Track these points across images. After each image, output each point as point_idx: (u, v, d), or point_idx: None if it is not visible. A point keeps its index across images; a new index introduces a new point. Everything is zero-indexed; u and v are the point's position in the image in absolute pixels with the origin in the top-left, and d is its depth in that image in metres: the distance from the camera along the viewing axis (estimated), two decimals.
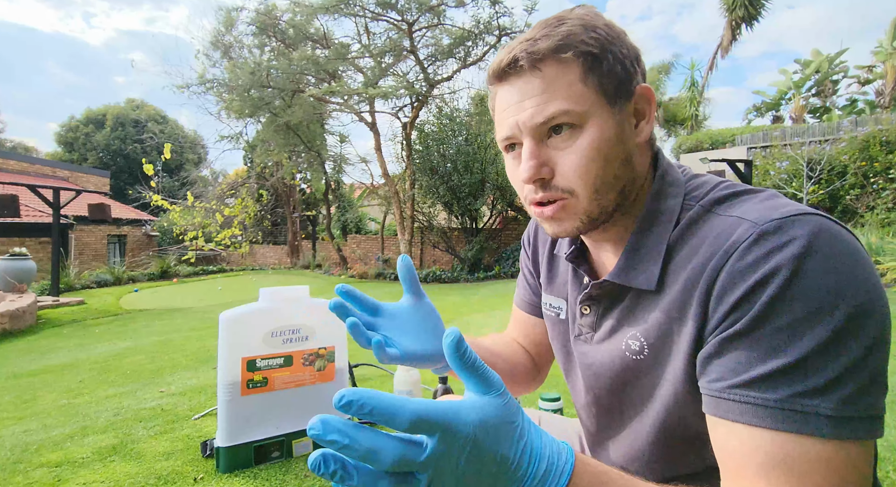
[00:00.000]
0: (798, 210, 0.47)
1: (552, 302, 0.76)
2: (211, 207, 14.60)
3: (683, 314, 0.52)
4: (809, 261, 0.44)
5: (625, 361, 0.60)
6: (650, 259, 0.57)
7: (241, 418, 1.71)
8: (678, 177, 0.60)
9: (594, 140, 0.54)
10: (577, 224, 0.58)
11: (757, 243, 0.46)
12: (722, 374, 0.47)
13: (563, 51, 0.54)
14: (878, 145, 8.75)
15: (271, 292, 1.81)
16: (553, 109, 0.54)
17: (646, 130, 0.59)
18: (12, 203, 6.99)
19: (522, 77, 0.56)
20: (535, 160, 0.56)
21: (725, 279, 0.47)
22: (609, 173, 0.56)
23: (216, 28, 11.25)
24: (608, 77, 0.55)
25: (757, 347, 0.45)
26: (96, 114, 28.11)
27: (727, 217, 0.52)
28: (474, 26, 9.79)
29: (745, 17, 14.88)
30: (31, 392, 3.05)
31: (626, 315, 0.61)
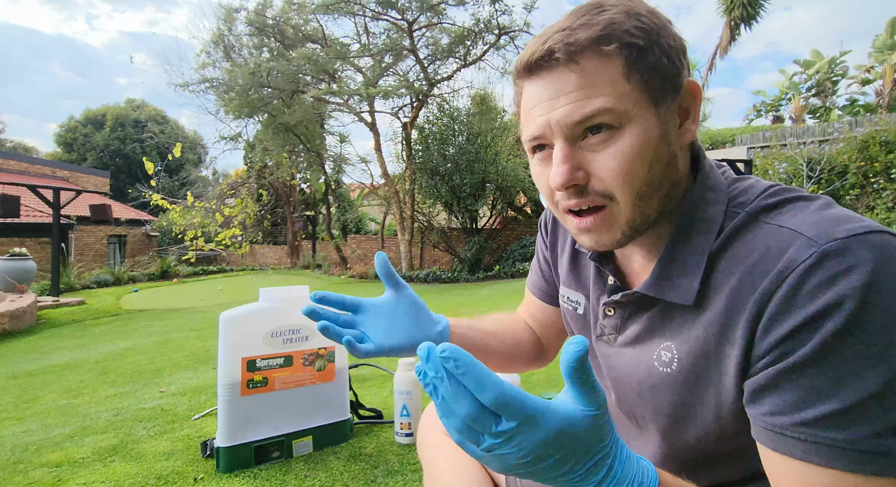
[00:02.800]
0: (862, 228, 0.42)
1: (570, 296, 0.73)
2: (211, 207, 14.60)
3: (728, 336, 0.48)
4: (878, 289, 0.39)
5: (653, 371, 0.56)
6: (688, 272, 0.52)
7: (241, 418, 1.71)
8: (720, 180, 0.55)
9: (636, 142, 0.49)
10: (618, 236, 0.53)
11: (818, 267, 0.41)
12: (781, 408, 0.43)
13: (606, 42, 0.48)
14: (877, 145, 8.76)
15: (271, 292, 1.81)
16: (593, 107, 0.48)
17: (691, 129, 0.54)
18: (13, 203, 6.99)
19: (557, 71, 0.50)
20: (568, 164, 0.50)
21: (781, 304, 0.43)
22: (654, 177, 0.51)
23: (216, 28, 11.25)
24: (654, 72, 0.49)
25: (822, 381, 0.40)
26: (96, 114, 28.10)
27: (779, 228, 0.46)
28: (474, 25, 9.79)
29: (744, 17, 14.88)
30: (32, 392, 3.05)
31: (658, 325, 0.56)
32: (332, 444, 1.88)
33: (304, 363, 1.83)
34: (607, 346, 0.64)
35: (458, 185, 10.21)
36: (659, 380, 0.55)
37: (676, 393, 0.54)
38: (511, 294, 6.89)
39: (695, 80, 0.53)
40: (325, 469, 1.70)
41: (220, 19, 11.10)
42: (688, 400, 0.53)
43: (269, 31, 10.98)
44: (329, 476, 1.65)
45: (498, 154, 10.23)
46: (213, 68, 11.48)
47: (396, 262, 12.18)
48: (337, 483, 1.61)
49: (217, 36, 11.24)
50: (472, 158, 10.06)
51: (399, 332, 0.65)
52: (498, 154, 10.23)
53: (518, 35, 9.95)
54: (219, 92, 11.14)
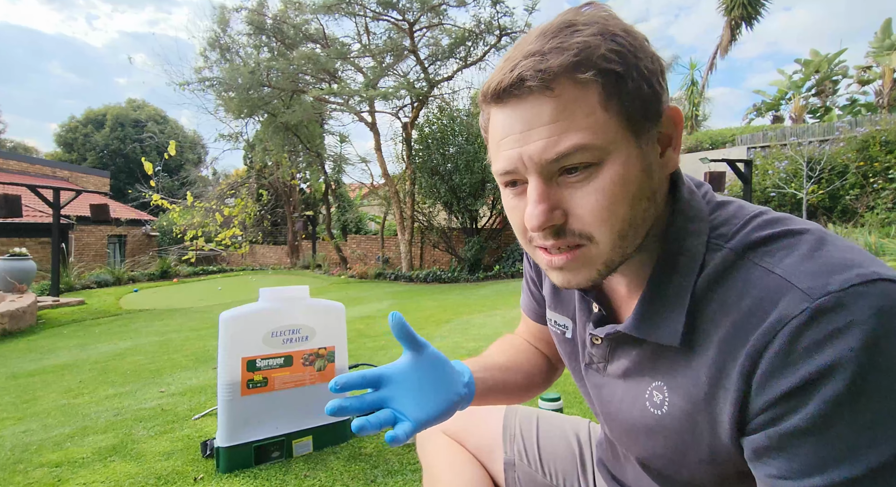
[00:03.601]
0: (858, 277, 0.39)
1: (557, 320, 0.71)
2: (211, 207, 14.61)
3: (720, 385, 0.46)
4: (879, 350, 0.37)
5: (646, 413, 0.54)
6: (671, 310, 0.49)
7: (241, 418, 1.71)
8: (701, 208, 0.51)
9: (617, 178, 0.45)
10: (593, 276, 0.50)
11: (812, 325, 0.39)
12: (789, 473, 0.41)
13: (582, 69, 0.44)
14: (877, 145, 8.76)
15: (271, 292, 1.81)
16: (569, 143, 0.44)
17: (673, 159, 0.50)
18: (14, 203, 6.99)
19: (528, 101, 0.45)
20: (544, 203, 0.46)
21: (774, 362, 0.41)
22: (636, 215, 0.47)
23: (212, 29, 11.26)
24: (633, 100, 0.45)
25: (831, 448, 0.38)
26: (96, 114, 28.11)
27: (768, 273, 0.44)
28: (475, 26, 9.80)
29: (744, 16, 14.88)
30: (32, 392, 3.05)
31: (647, 362, 0.54)
32: (332, 444, 1.88)
33: (303, 363, 1.83)
34: (598, 375, 0.62)
35: (457, 184, 10.21)
36: (652, 423, 0.54)
37: (670, 437, 0.53)
38: (510, 294, 6.88)
39: (675, 105, 0.49)
40: (325, 469, 1.70)
41: (215, 20, 11.11)
42: (681, 445, 0.52)
43: (269, 31, 10.98)
44: (329, 476, 1.65)
45: None
46: (212, 68, 11.49)
47: (396, 262, 12.19)
48: (337, 483, 1.61)
49: (214, 37, 11.24)
50: (472, 157, 10.06)
51: (431, 399, 0.61)
52: None
53: (519, 36, 9.95)
54: (218, 92, 11.15)
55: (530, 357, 0.82)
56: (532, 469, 0.84)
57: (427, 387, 0.61)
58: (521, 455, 0.86)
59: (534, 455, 0.85)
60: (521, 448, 0.86)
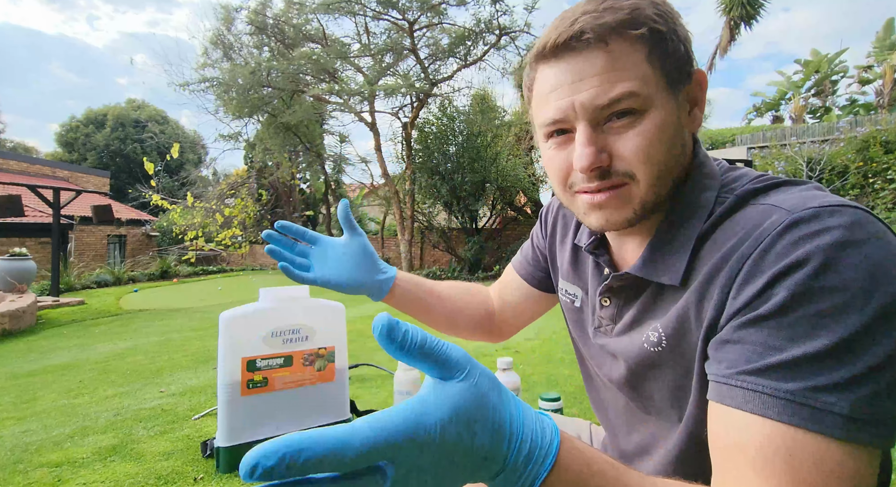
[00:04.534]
0: (838, 202, 0.44)
1: (568, 289, 0.74)
2: (211, 207, 14.61)
3: (703, 303, 0.49)
4: (843, 252, 0.40)
5: (643, 352, 0.57)
6: (676, 253, 0.53)
7: (241, 418, 1.71)
8: (714, 169, 0.57)
9: (658, 125, 0.50)
10: (630, 215, 0.54)
11: (788, 231, 0.43)
12: (734, 361, 0.43)
13: (634, 26, 0.49)
14: (878, 145, 8.76)
15: (271, 292, 1.81)
16: (620, 89, 0.49)
17: (698, 117, 0.56)
18: (16, 203, 6.99)
19: (584, 53, 0.50)
20: (593, 146, 0.51)
21: (751, 266, 0.44)
22: (671, 160, 0.53)
23: (216, 28, 11.25)
24: (672, 58, 0.51)
25: (776, 335, 0.41)
26: (96, 114, 28.12)
27: (760, 205, 0.48)
28: (475, 25, 9.79)
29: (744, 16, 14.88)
30: (32, 393, 3.05)
31: (648, 307, 0.58)
32: None
33: (304, 363, 1.83)
34: (605, 337, 0.65)
35: (458, 184, 10.20)
36: (653, 360, 0.56)
37: (670, 370, 0.54)
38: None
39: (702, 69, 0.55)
40: None
41: (219, 19, 11.11)
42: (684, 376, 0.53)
43: (270, 31, 10.98)
44: None
45: (498, 154, 10.22)
46: (213, 68, 11.49)
47: (397, 262, 12.17)
48: None
49: (216, 36, 11.24)
50: (474, 156, 10.06)
51: (343, 270, 0.76)
52: (498, 154, 10.22)
53: (518, 36, 9.95)
54: (219, 92, 11.14)
55: (472, 303, 0.89)
56: None
57: (346, 261, 0.76)
58: None
59: None
60: None
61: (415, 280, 0.83)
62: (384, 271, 0.79)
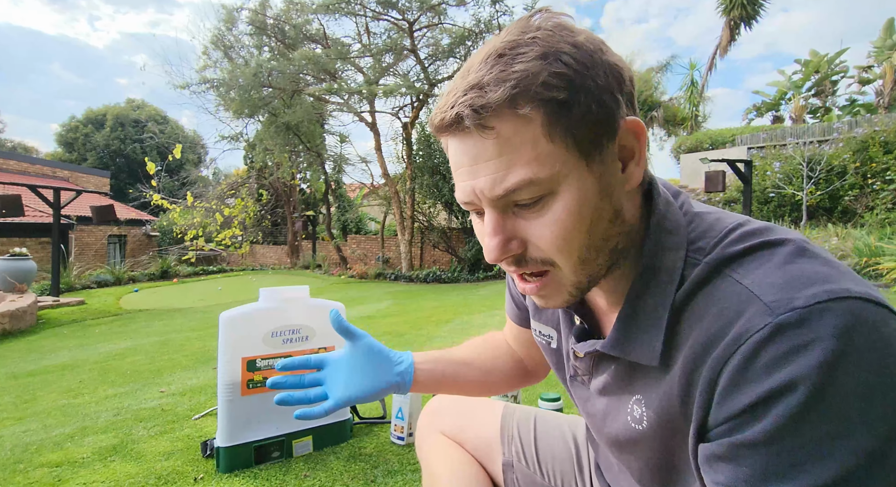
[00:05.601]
0: (825, 294, 0.38)
1: (542, 330, 0.71)
2: (211, 207, 14.60)
3: (687, 402, 0.46)
4: (838, 371, 0.36)
5: (627, 428, 0.55)
6: (650, 330, 0.49)
7: (241, 418, 1.72)
8: (678, 220, 0.50)
9: (571, 207, 0.44)
10: (567, 297, 0.51)
11: (773, 341, 0.38)
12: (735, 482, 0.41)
13: (520, 104, 0.42)
14: (877, 146, 8.76)
15: (271, 292, 1.81)
16: (515, 179, 0.43)
17: (636, 173, 0.48)
18: (16, 203, 6.99)
19: (470, 137, 0.44)
20: (499, 236, 0.47)
21: (733, 376, 0.40)
22: (595, 239, 0.47)
23: (216, 28, 11.25)
24: (580, 124, 0.43)
25: (776, 460, 0.38)
26: (96, 114, 28.13)
27: (736, 284, 0.43)
28: (475, 25, 9.80)
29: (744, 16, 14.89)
30: (32, 392, 3.06)
31: (626, 378, 0.54)
32: (332, 444, 1.88)
33: None
34: (583, 388, 0.63)
35: None
36: (635, 437, 0.54)
37: (655, 451, 0.53)
38: None
39: (636, 118, 0.47)
40: (325, 469, 1.71)
41: (220, 19, 11.11)
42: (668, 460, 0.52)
43: (270, 31, 10.98)
44: (329, 476, 1.66)
45: None
46: (213, 69, 11.49)
47: (397, 262, 12.18)
48: (337, 483, 1.62)
49: (217, 36, 11.24)
50: None
51: (358, 382, 0.71)
52: None
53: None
54: (219, 92, 11.14)
55: (499, 356, 0.85)
56: (530, 471, 0.85)
57: (357, 372, 0.71)
58: (519, 455, 0.86)
59: (531, 455, 0.85)
60: (519, 448, 0.86)
61: (434, 357, 0.78)
62: (400, 362, 0.73)
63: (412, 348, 3.84)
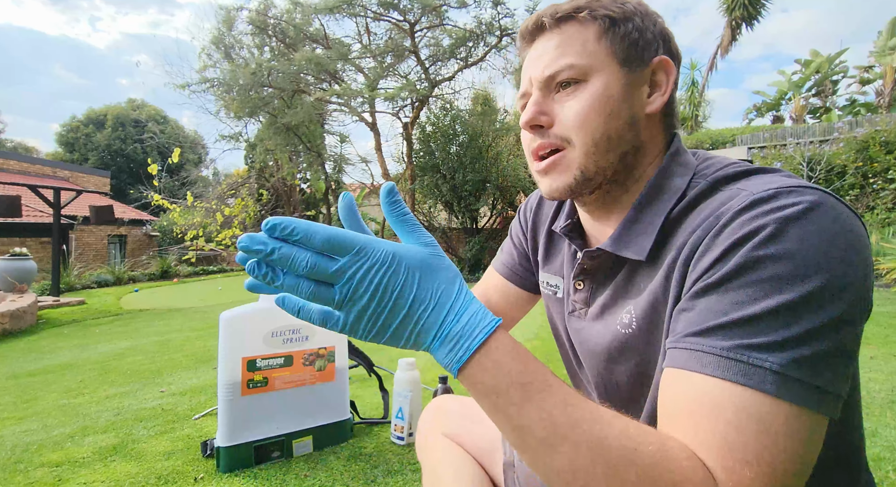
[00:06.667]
0: (801, 184, 0.46)
1: (549, 280, 0.75)
2: (211, 207, 14.60)
3: (669, 281, 0.52)
4: (794, 225, 0.42)
5: (616, 335, 0.58)
6: (645, 231, 0.56)
7: (242, 418, 1.71)
8: (690, 159, 0.59)
9: (597, 94, 0.55)
10: (570, 180, 0.58)
11: (746, 209, 0.45)
12: (684, 326, 0.46)
13: (583, 10, 0.57)
14: (877, 145, 8.75)
15: None
16: (562, 62, 0.56)
17: (658, 101, 0.59)
18: (14, 204, 6.98)
19: (544, 36, 0.59)
20: (536, 106, 0.58)
21: (709, 240, 0.47)
22: (610, 128, 0.56)
23: (217, 28, 11.25)
24: (624, 40, 0.57)
25: (722, 300, 0.43)
26: (97, 114, 28.11)
27: (729, 190, 0.51)
28: (476, 27, 9.80)
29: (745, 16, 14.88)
30: (32, 392, 3.05)
31: (621, 290, 0.60)
32: (332, 444, 1.88)
33: (304, 363, 1.83)
34: (578, 320, 0.67)
35: (459, 184, 10.21)
36: (622, 342, 0.58)
37: (640, 351, 0.56)
38: None
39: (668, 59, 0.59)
40: (325, 468, 1.70)
41: (220, 20, 11.11)
42: (650, 356, 0.55)
43: (271, 31, 10.98)
44: (329, 475, 1.65)
45: (499, 154, 10.23)
46: (213, 69, 11.49)
47: None
48: (337, 483, 1.61)
49: (217, 36, 11.24)
50: (475, 155, 10.07)
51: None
52: (499, 154, 10.23)
53: None
54: (219, 92, 11.14)
55: None
56: (531, 471, 0.84)
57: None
58: None
59: None
60: None
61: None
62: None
63: None
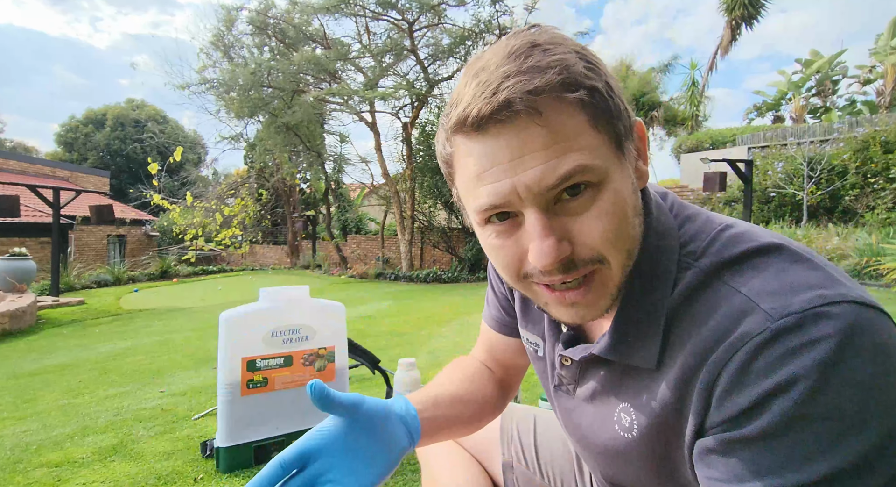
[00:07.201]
0: (820, 299, 0.39)
1: (529, 338, 0.68)
2: (211, 207, 14.60)
3: (682, 406, 0.46)
4: (834, 371, 0.37)
5: (616, 436, 0.54)
6: (647, 334, 0.49)
7: (241, 418, 1.71)
8: (669, 223, 0.51)
9: (618, 198, 0.44)
10: (608, 302, 0.47)
11: (772, 344, 0.39)
12: (727, 476, 0.41)
13: (570, 89, 0.41)
14: (877, 145, 8.75)
15: (271, 292, 1.81)
16: (570, 164, 0.41)
17: (645, 172, 0.50)
18: (12, 204, 6.98)
19: (515, 126, 0.41)
20: (552, 237, 0.43)
21: (733, 378, 0.41)
22: (636, 233, 0.47)
23: (217, 27, 11.25)
24: (616, 119, 0.44)
25: (770, 456, 0.39)
26: (96, 114, 28.11)
27: (735, 293, 0.43)
28: (475, 26, 9.80)
29: (745, 16, 14.89)
30: (32, 392, 3.05)
31: (616, 383, 0.53)
32: None
33: (303, 363, 1.83)
34: (568, 398, 0.61)
35: None
36: (623, 447, 0.53)
37: (645, 462, 0.52)
38: None
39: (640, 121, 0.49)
40: None
41: (220, 20, 11.10)
42: (652, 466, 0.52)
43: (271, 31, 10.98)
44: None
45: None
46: (213, 69, 11.48)
47: (397, 262, 12.17)
48: None
49: (217, 36, 11.24)
50: None
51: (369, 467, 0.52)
52: None
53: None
54: (219, 92, 11.14)
55: (483, 385, 0.75)
56: (530, 471, 0.84)
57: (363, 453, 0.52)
58: (519, 456, 0.85)
59: (531, 456, 0.85)
60: (519, 449, 0.86)
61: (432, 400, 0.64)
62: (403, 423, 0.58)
63: (413, 347, 3.84)
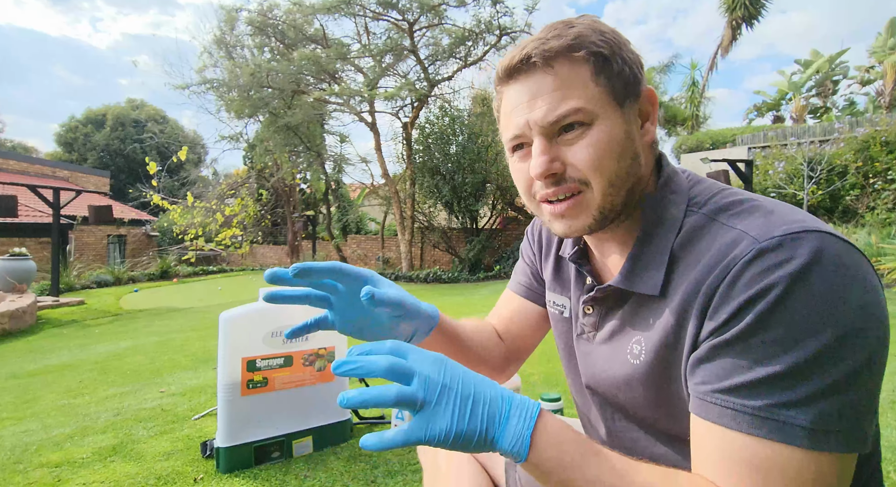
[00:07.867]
0: (801, 227, 0.47)
1: (556, 300, 0.77)
2: (211, 207, 14.59)
3: (682, 325, 0.53)
4: (803, 281, 0.45)
5: (626, 364, 0.60)
6: (654, 266, 0.58)
7: (241, 418, 1.71)
8: (682, 184, 0.61)
9: (605, 136, 0.55)
10: (590, 221, 0.58)
11: (755, 261, 0.47)
12: (708, 378, 0.49)
13: (576, 50, 0.55)
14: (878, 145, 8.74)
15: None
16: (567, 107, 0.55)
17: (651, 130, 0.61)
18: (10, 204, 6.98)
19: (534, 75, 0.56)
20: (546, 155, 0.56)
21: (722, 294, 0.49)
22: (622, 168, 0.57)
23: (217, 29, 11.25)
24: (617, 78, 0.56)
25: (744, 356, 0.46)
26: (96, 114, 28.07)
27: (730, 229, 0.52)
28: (475, 26, 9.79)
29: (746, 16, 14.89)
30: (31, 392, 3.05)
31: (630, 319, 0.61)
32: (332, 444, 1.88)
33: (304, 363, 1.83)
34: (587, 344, 0.69)
35: (459, 184, 10.20)
36: (630, 372, 0.60)
37: (649, 385, 0.58)
38: None
39: (651, 88, 0.60)
40: (325, 469, 1.70)
41: (221, 20, 11.10)
42: (662, 393, 0.57)
43: (271, 32, 10.98)
44: (329, 476, 1.65)
45: (499, 154, 10.22)
46: (213, 69, 11.48)
47: (397, 262, 12.17)
48: (337, 483, 1.61)
49: (218, 37, 11.24)
50: (475, 156, 10.06)
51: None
52: (499, 154, 10.22)
53: (519, 36, 9.95)
54: (219, 92, 11.14)
55: (490, 336, 0.87)
56: None
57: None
58: None
59: None
60: None
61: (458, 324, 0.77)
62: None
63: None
